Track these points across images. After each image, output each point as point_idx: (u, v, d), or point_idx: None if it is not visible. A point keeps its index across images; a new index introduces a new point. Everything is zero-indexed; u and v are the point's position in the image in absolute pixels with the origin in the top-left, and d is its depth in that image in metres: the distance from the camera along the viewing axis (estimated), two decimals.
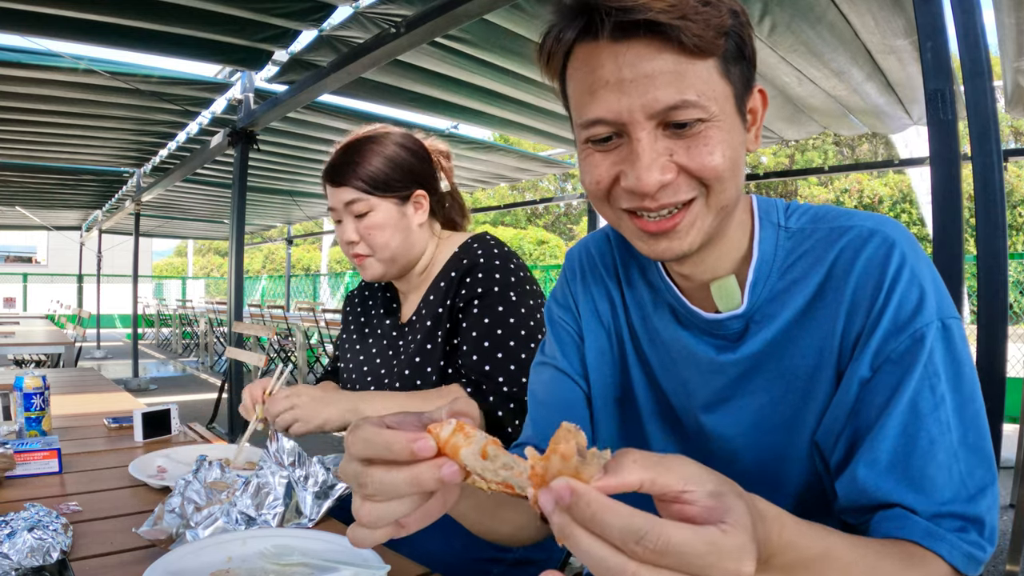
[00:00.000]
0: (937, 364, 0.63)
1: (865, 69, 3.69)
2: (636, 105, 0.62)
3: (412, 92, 4.41)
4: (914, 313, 0.64)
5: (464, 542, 1.19)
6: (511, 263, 1.29)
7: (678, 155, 0.64)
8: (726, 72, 0.64)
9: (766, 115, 0.72)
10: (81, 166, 7.20)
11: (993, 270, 1.63)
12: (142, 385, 7.81)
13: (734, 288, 0.73)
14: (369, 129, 1.35)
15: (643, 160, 0.63)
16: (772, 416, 0.73)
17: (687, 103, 0.61)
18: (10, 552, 0.76)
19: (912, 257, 0.66)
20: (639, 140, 0.63)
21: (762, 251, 0.73)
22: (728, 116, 0.64)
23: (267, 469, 0.90)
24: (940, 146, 1.67)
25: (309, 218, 11.55)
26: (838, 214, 0.73)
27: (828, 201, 19.25)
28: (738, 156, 0.65)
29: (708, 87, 0.62)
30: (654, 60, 0.61)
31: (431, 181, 1.35)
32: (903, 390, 0.63)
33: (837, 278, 0.69)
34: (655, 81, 0.61)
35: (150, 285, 22.15)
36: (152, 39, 3.61)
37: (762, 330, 0.72)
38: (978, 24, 1.65)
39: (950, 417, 0.63)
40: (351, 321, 1.52)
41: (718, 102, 0.63)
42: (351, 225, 1.30)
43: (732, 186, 0.66)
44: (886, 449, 0.63)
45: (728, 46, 0.64)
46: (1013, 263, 7.12)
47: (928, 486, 0.62)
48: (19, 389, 1.43)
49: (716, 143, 0.63)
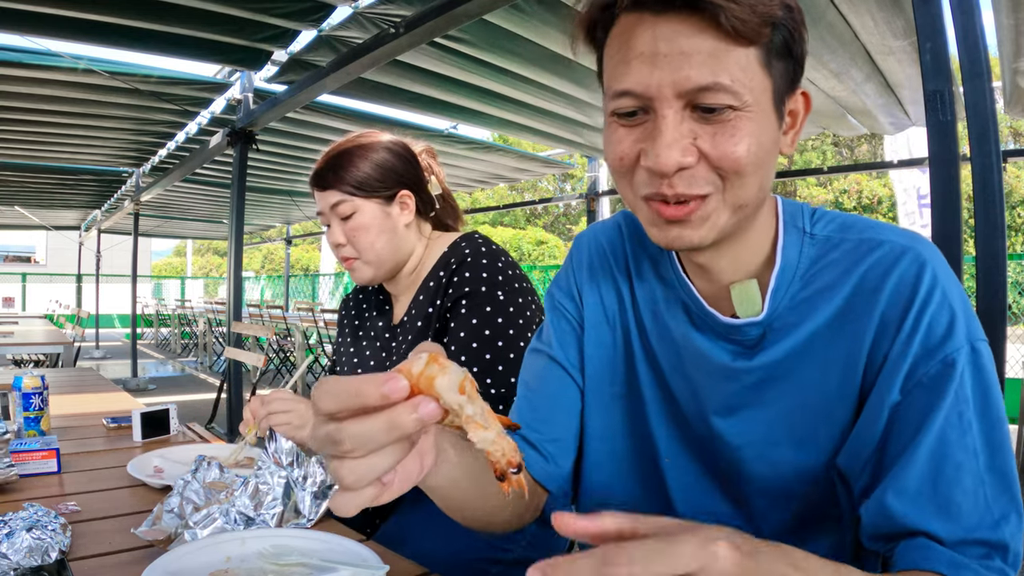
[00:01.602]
0: (967, 389, 0.62)
1: (865, 70, 3.70)
2: (667, 80, 0.60)
3: (411, 92, 4.41)
4: (945, 337, 0.63)
5: (463, 542, 1.19)
6: (499, 261, 1.29)
7: (702, 140, 0.61)
8: (767, 64, 0.62)
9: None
10: (80, 166, 7.20)
11: (992, 271, 1.63)
12: (141, 385, 7.81)
13: (755, 293, 0.71)
14: (355, 135, 1.38)
15: (665, 138, 0.61)
16: (784, 431, 0.71)
17: (719, 86, 0.59)
18: (9, 552, 0.76)
19: (943, 278, 0.65)
20: (664, 117, 0.61)
21: (786, 257, 0.71)
22: (762, 110, 0.62)
23: (265, 469, 0.90)
24: (939, 147, 1.67)
25: (308, 218, 11.54)
26: (867, 225, 0.70)
27: (826, 202, 19.26)
28: (765, 153, 0.63)
29: (745, 75, 0.60)
30: (692, 38, 0.59)
31: (417, 182, 1.37)
32: (933, 417, 0.62)
33: (866, 294, 0.66)
34: (690, 59, 0.59)
35: (149, 285, 22.14)
36: (152, 39, 3.61)
37: (781, 339, 0.70)
38: (977, 25, 1.66)
39: (977, 443, 0.62)
40: (346, 324, 1.54)
41: (753, 92, 0.61)
42: (338, 228, 1.32)
43: (753, 183, 0.63)
44: (914, 476, 0.62)
45: (774, 38, 0.61)
46: (1012, 263, 7.13)
47: (954, 512, 0.60)
48: (18, 389, 1.43)
49: (744, 134, 0.61)
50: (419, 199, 1.37)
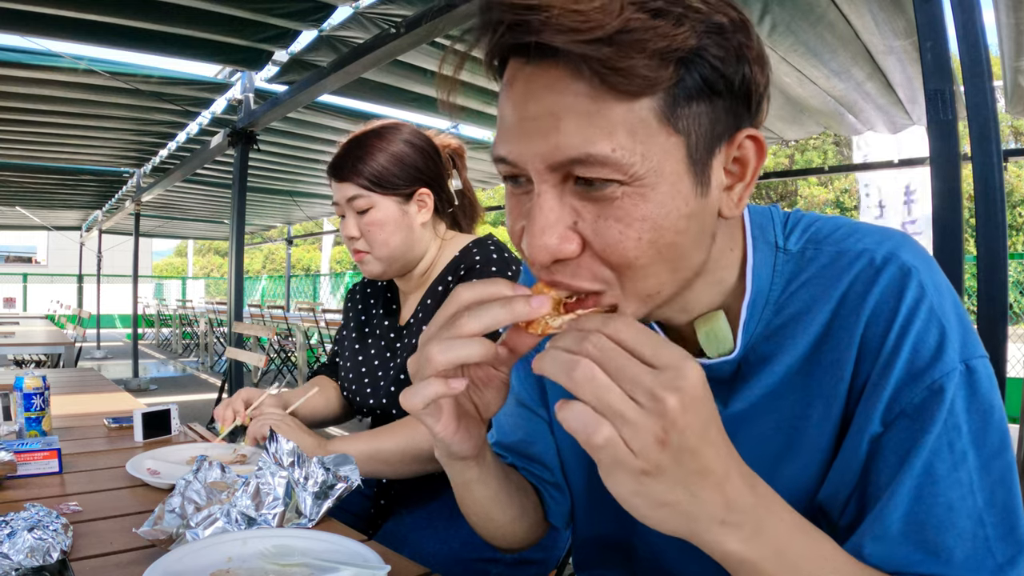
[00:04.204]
0: (958, 417, 0.53)
1: (865, 69, 3.69)
2: (536, 151, 0.49)
3: (412, 92, 4.41)
4: (933, 359, 0.53)
5: (463, 542, 1.19)
6: (509, 270, 1.26)
7: (583, 224, 0.50)
8: (670, 118, 0.48)
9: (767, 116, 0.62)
10: (81, 166, 7.20)
11: (993, 270, 1.63)
12: (142, 385, 7.81)
13: (724, 330, 0.61)
14: (378, 124, 1.33)
15: (537, 222, 0.50)
16: (765, 475, 0.62)
17: (592, 159, 0.47)
18: (10, 552, 0.76)
19: (932, 288, 0.55)
20: (540, 195, 0.50)
21: (757, 282, 0.61)
22: (666, 179, 0.48)
23: (267, 469, 0.90)
24: (940, 146, 1.67)
25: (309, 218, 11.55)
26: (845, 233, 0.60)
27: (828, 201, 19.26)
28: (675, 234, 0.50)
29: (632, 138, 0.47)
30: (563, 93, 0.47)
31: (437, 180, 1.33)
32: (918, 450, 0.53)
33: (846, 317, 0.57)
34: (560, 123, 0.47)
35: (150, 285, 22.14)
36: (152, 39, 3.61)
37: (757, 376, 0.61)
38: (978, 24, 1.66)
39: (973, 477, 0.53)
40: (352, 317, 1.52)
41: (647, 159, 0.47)
42: (353, 221, 1.29)
43: (659, 272, 0.51)
44: (897, 519, 0.53)
45: (686, 78, 0.47)
46: (1013, 263, 7.13)
47: (945, 558, 0.52)
48: (19, 389, 1.43)
49: (634, 217, 0.48)
50: (438, 197, 1.34)
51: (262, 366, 3.17)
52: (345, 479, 0.94)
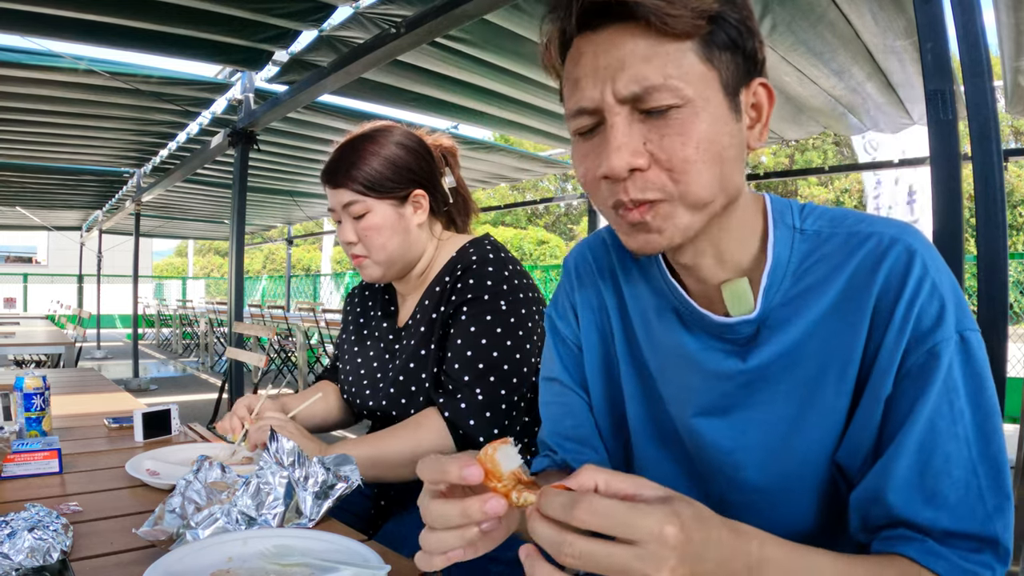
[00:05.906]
0: (956, 378, 0.61)
1: (865, 69, 3.69)
2: (608, 89, 0.61)
3: (412, 92, 4.41)
4: (933, 327, 0.62)
5: None
6: (506, 270, 1.26)
7: (652, 143, 0.62)
8: (708, 57, 0.61)
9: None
10: (81, 166, 7.20)
11: (993, 270, 1.62)
12: (142, 385, 7.81)
13: (746, 291, 0.70)
14: (368, 127, 1.33)
15: (611, 143, 0.62)
16: (783, 434, 0.70)
17: (654, 87, 0.60)
18: (10, 552, 0.76)
19: (933, 267, 0.64)
20: (612, 125, 0.62)
21: (776, 254, 0.70)
22: (711, 103, 0.62)
23: (267, 469, 0.90)
24: (940, 146, 1.67)
25: (309, 218, 11.55)
26: (857, 219, 0.70)
27: (828, 201, 19.24)
28: (721, 148, 0.62)
29: (680, 70, 0.60)
30: (626, 44, 0.61)
31: (431, 180, 1.33)
32: (921, 406, 0.61)
33: (858, 288, 0.66)
34: (625, 65, 0.61)
35: (150, 285, 22.15)
36: (152, 39, 3.61)
37: (775, 336, 0.69)
38: (978, 24, 1.65)
39: (969, 432, 0.61)
40: (351, 320, 1.52)
41: (695, 86, 0.61)
42: (350, 226, 1.29)
43: (708, 179, 0.63)
44: (902, 466, 0.61)
45: (715, 32, 0.61)
46: (1013, 263, 7.13)
47: (940, 503, 0.60)
48: (19, 389, 1.43)
49: (692, 131, 0.61)
50: (433, 197, 1.34)
51: (262, 366, 3.17)
52: (345, 479, 0.94)
